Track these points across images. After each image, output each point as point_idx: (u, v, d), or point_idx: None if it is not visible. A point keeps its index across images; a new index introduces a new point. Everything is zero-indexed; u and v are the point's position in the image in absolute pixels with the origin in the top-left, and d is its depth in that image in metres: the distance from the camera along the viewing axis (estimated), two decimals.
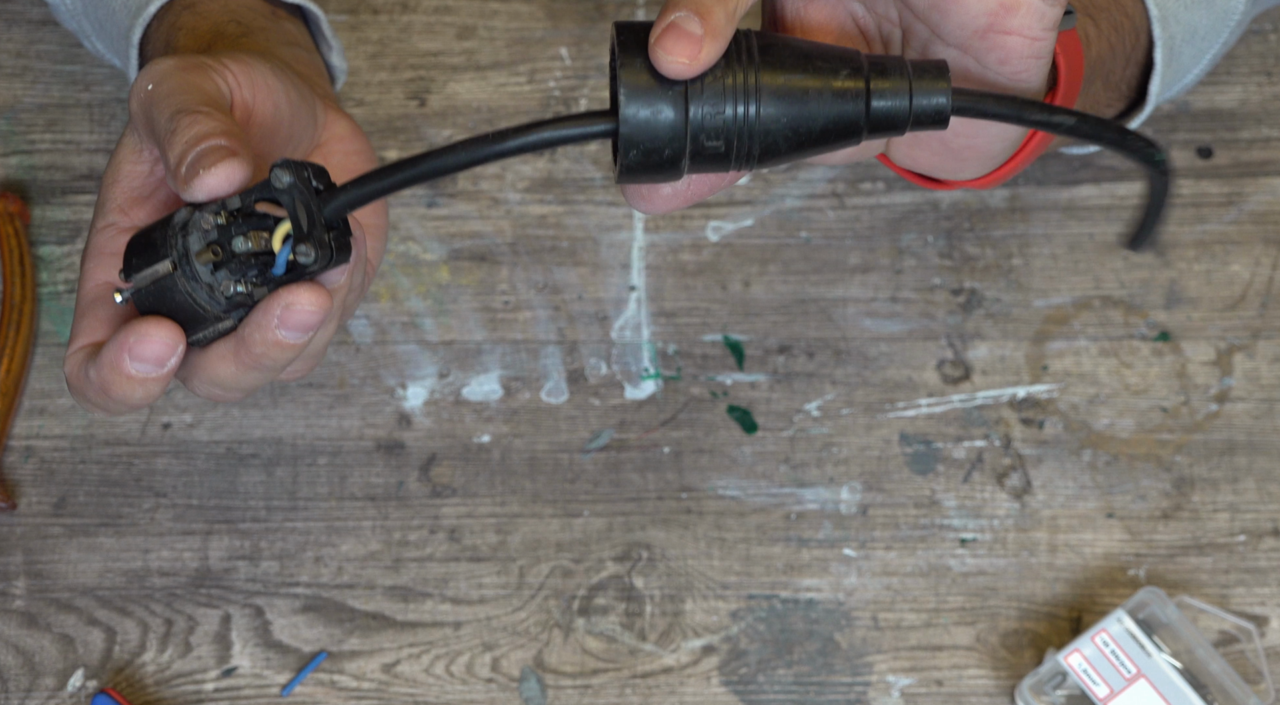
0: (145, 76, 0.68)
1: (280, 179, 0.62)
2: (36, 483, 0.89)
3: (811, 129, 0.61)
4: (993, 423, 0.89)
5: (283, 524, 0.88)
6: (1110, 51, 0.79)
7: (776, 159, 0.62)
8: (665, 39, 0.59)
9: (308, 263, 0.62)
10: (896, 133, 0.62)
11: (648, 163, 0.61)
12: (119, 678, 0.86)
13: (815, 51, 0.62)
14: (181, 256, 0.64)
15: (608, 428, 0.90)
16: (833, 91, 0.61)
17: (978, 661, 0.86)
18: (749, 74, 0.61)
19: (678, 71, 0.59)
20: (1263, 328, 0.90)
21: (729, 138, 0.61)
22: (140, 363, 0.65)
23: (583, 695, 0.85)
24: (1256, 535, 0.87)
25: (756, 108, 0.60)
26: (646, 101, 0.60)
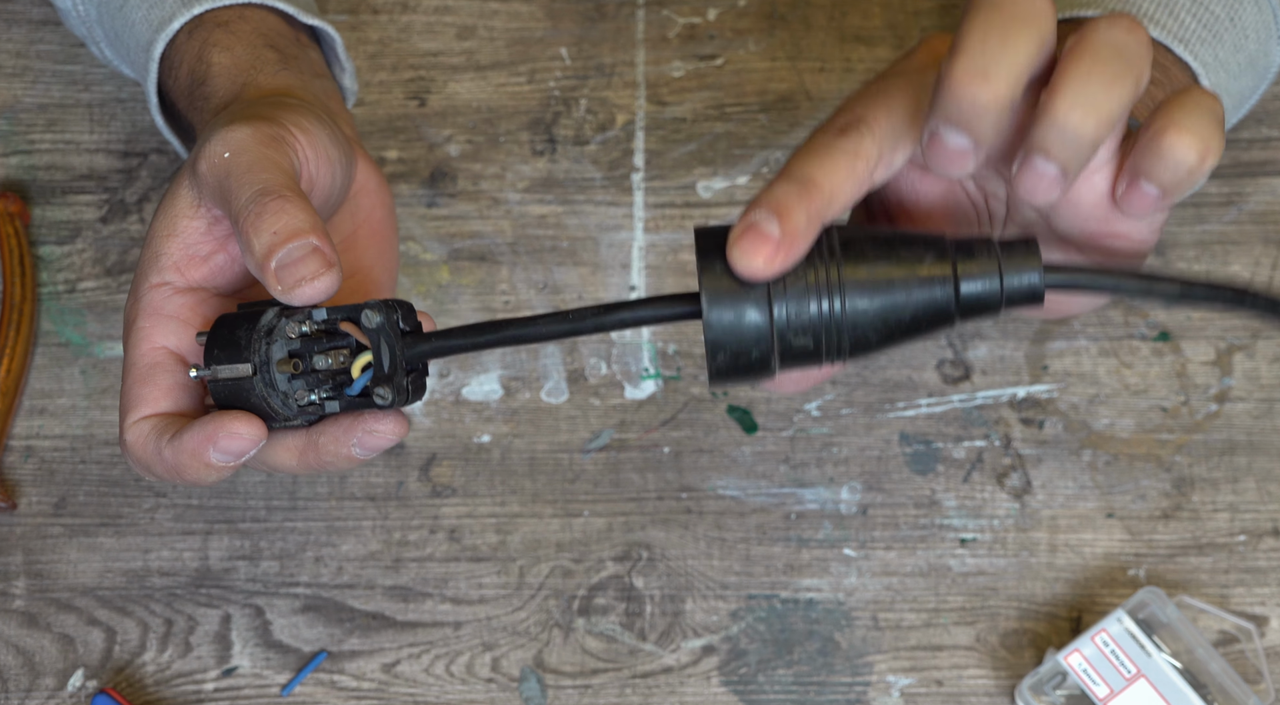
0: (221, 143, 0.68)
1: (371, 319, 0.64)
2: (36, 483, 0.89)
3: (901, 319, 0.60)
4: (993, 423, 0.89)
5: (283, 524, 0.88)
6: None
7: (869, 351, 0.61)
8: (743, 241, 0.59)
9: (384, 404, 0.65)
10: (992, 315, 0.61)
11: (737, 365, 0.61)
12: (119, 678, 0.86)
13: (899, 239, 0.61)
14: (263, 363, 0.66)
15: (608, 428, 0.90)
16: (919, 279, 0.60)
17: (978, 661, 0.86)
18: (831, 269, 0.60)
19: (755, 273, 0.59)
20: (1262, 328, 0.90)
21: (816, 335, 0.60)
22: (223, 455, 0.66)
23: (583, 695, 0.85)
24: (1256, 535, 0.87)
25: (842, 303, 0.60)
26: (729, 304, 0.60)
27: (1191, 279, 0.61)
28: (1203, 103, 0.60)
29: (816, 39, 0.97)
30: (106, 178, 0.94)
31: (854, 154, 0.60)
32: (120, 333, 0.91)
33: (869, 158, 0.61)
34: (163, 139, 0.95)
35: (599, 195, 0.94)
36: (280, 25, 0.82)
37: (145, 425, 0.69)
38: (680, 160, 0.94)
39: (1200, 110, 0.59)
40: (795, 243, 0.59)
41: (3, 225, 0.91)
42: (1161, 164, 0.60)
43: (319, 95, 0.79)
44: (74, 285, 0.92)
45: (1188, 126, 0.59)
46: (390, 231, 0.79)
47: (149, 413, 0.69)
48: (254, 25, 0.80)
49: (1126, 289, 0.61)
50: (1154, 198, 0.61)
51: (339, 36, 0.84)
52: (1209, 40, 0.79)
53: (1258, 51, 0.82)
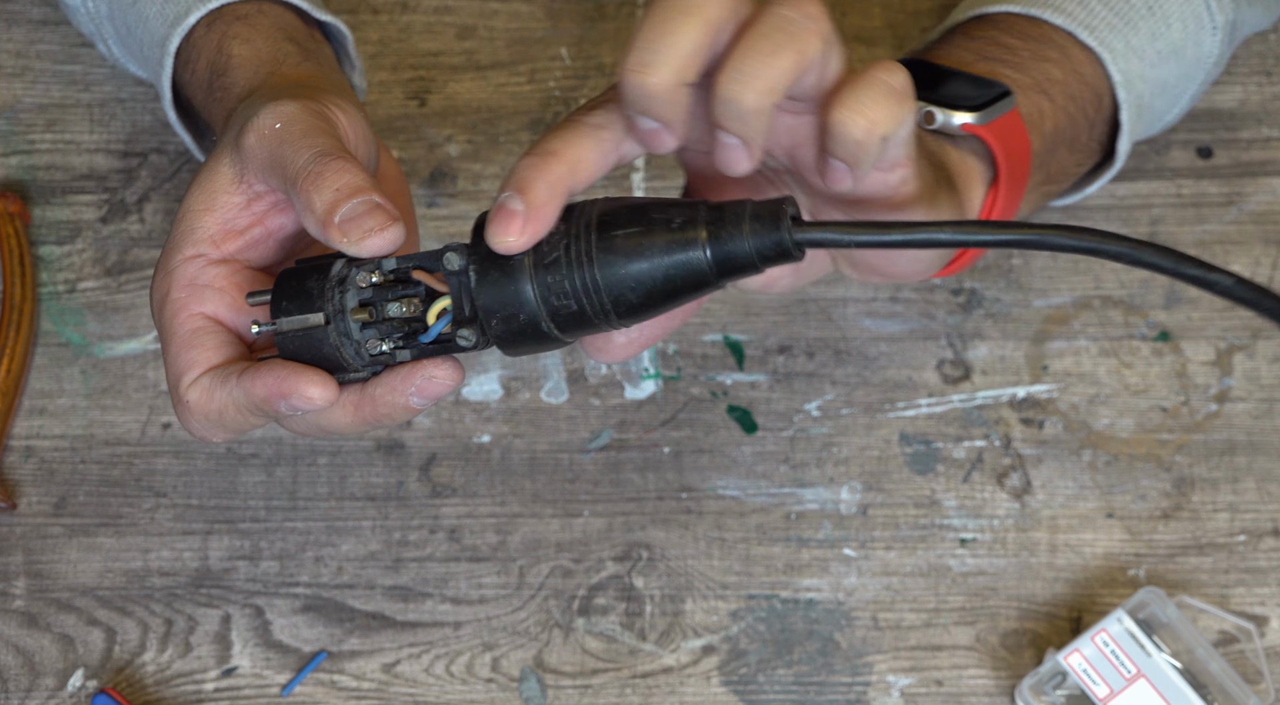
0: (270, 115, 0.69)
1: (452, 262, 0.65)
2: (36, 483, 0.89)
3: (655, 279, 0.64)
4: (993, 423, 0.89)
5: (283, 524, 0.88)
6: (1070, 121, 0.81)
7: (637, 313, 0.64)
8: (494, 221, 0.63)
9: (467, 345, 0.66)
10: (752, 273, 0.64)
11: (510, 329, 0.65)
12: (119, 678, 0.86)
13: (653, 206, 0.64)
14: (338, 312, 0.66)
15: (608, 428, 0.90)
16: (668, 242, 0.63)
17: (978, 661, 0.86)
18: (585, 236, 0.64)
19: (508, 247, 0.63)
20: (1262, 328, 0.90)
21: (578, 297, 0.64)
22: (292, 410, 0.67)
23: (583, 695, 0.85)
24: (1256, 535, 0.87)
25: (594, 270, 0.63)
26: (493, 275, 0.64)
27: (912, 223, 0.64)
28: (875, 79, 0.63)
29: None
30: (106, 178, 0.94)
31: (598, 126, 0.65)
32: (121, 332, 0.91)
33: (614, 129, 0.65)
34: (163, 138, 0.95)
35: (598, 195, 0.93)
36: (296, 21, 0.82)
37: (205, 379, 0.69)
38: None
39: (868, 86, 0.63)
40: (540, 213, 0.63)
41: (3, 225, 0.91)
42: (834, 141, 0.63)
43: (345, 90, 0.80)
44: (74, 285, 0.92)
45: (849, 103, 0.63)
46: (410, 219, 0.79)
47: (205, 368, 0.69)
48: (272, 19, 0.81)
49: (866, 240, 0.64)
50: (843, 171, 0.65)
51: (350, 34, 0.84)
52: (1120, 28, 0.81)
53: (1184, 40, 0.83)
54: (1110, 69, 0.81)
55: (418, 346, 0.67)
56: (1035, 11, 0.81)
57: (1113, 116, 0.83)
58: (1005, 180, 0.75)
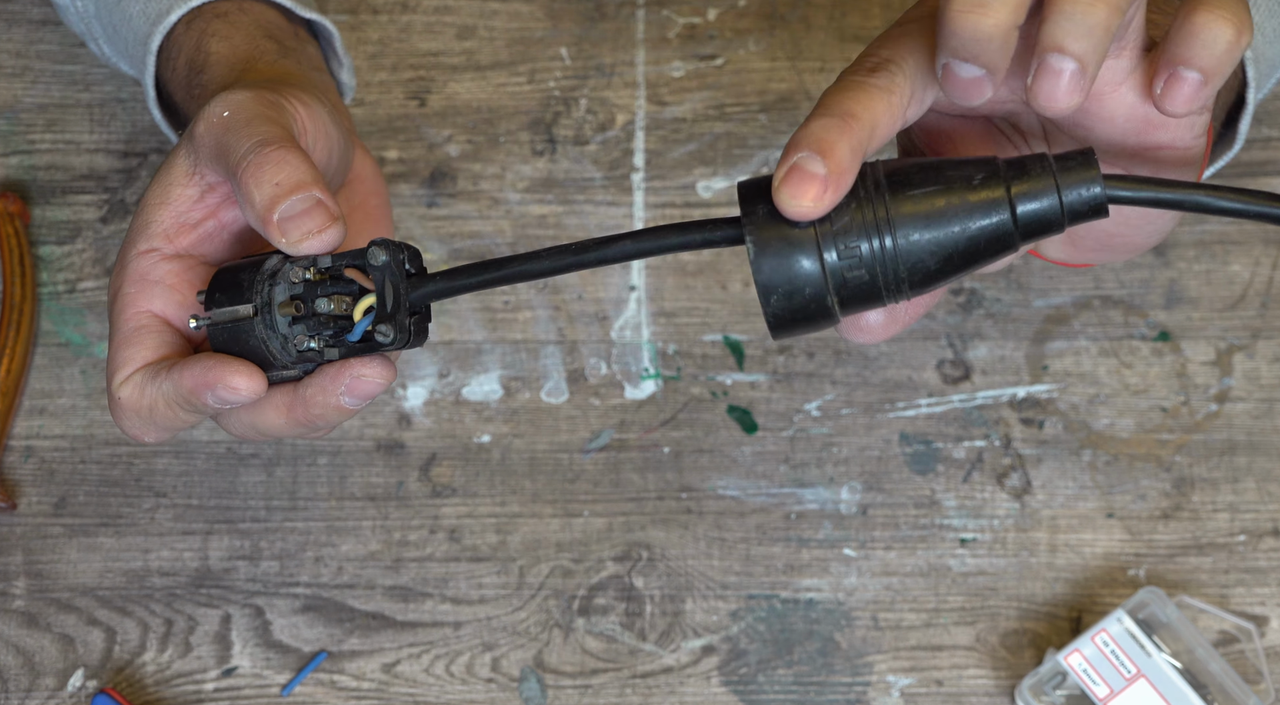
0: (220, 103, 0.68)
1: (376, 257, 0.64)
2: (36, 483, 0.89)
3: (958, 245, 0.59)
4: (993, 423, 0.89)
5: (283, 524, 0.88)
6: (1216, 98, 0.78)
7: (931, 282, 0.60)
8: (789, 182, 0.58)
9: (385, 342, 0.64)
10: (1056, 232, 0.59)
11: (792, 306, 0.60)
12: (119, 678, 0.86)
13: (947, 164, 0.59)
14: (265, 304, 0.65)
15: (608, 428, 0.90)
16: (970, 204, 0.59)
17: (978, 661, 0.86)
18: (878, 202, 0.59)
19: (804, 213, 0.58)
20: (1263, 328, 0.90)
21: (870, 268, 0.59)
22: (219, 402, 0.66)
23: (583, 695, 0.85)
24: (1256, 535, 0.87)
25: (892, 236, 0.59)
26: (777, 245, 0.59)
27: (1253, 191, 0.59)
28: None
29: (816, 39, 0.96)
30: (106, 178, 0.94)
31: (888, 89, 0.60)
32: None
33: (902, 93, 0.60)
34: (163, 138, 0.95)
35: (599, 195, 0.94)
36: (278, 19, 0.82)
37: (137, 377, 0.68)
38: (680, 160, 0.94)
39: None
40: (842, 177, 0.58)
41: (3, 225, 0.91)
42: (1198, 43, 0.58)
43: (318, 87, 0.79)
44: (74, 285, 0.92)
45: (1216, 5, 0.58)
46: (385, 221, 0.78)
47: (140, 365, 0.68)
48: (253, 17, 0.80)
49: (1190, 202, 0.59)
50: (1196, 84, 0.59)
51: (337, 31, 0.84)
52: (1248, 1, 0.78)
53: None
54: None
55: (345, 345, 0.66)
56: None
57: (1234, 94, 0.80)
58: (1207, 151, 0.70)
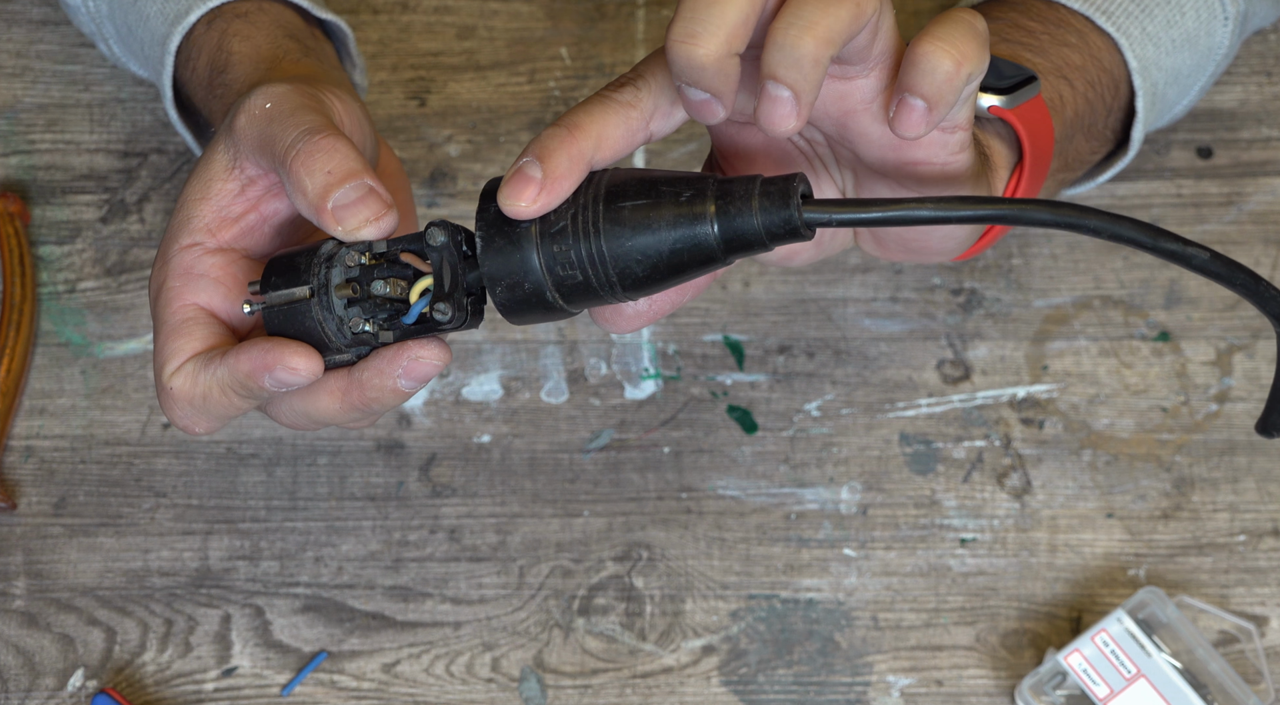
0: (262, 96, 0.69)
1: (435, 237, 0.65)
2: (36, 483, 0.89)
3: (660, 252, 0.63)
4: (993, 423, 0.89)
5: (283, 524, 0.88)
6: (1089, 107, 0.80)
7: (642, 287, 0.64)
8: (509, 184, 0.63)
9: (443, 320, 0.65)
10: (761, 250, 0.63)
11: (515, 297, 0.64)
12: (119, 678, 0.86)
13: (663, 179, 0.64)
14: (321, 286, 0.66)
15: (608, 428, 0.90)
16: (675, 216, 0.63)
17: (978, 661, 0.86)
18: (592, 207, 0.63)
19: (519, 212, 0.63)
20: (1263, 328, 0.90)
21: (583, 268, 0.63)
22: (278, 385, 0.66)
23: (583, 695, 0.85)
24: (1256, 535, 0.87)
25: (601, 242, 0.63)
26: (500, 241, 0.64)
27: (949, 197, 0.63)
28: (960, 18, 0.63)
29: None
30: (106, 178, 0.94)
31: (626, 104, 0.64)
32: (121, 332, 0.91)
33: (642, 108, 0.64)
34: (163, 138, 0.95)
35: None
36: (296, 19, 0.82)
37: (189, 366, 0.68)
38: (680, 160, 0.94)
39: (955, 23, 0.62)
40: (557, 183, 0.63)
41: (3, 225, 0.91)
42: (919, 73, 0.62)
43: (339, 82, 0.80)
44: (74, 285, 0.92)
45: (940, 36, 0.62)
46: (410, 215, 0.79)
47: (191, 355, 0.69)
48: (272, 17, 0.81)
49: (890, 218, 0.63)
50: (921, 111, 0.63)
51: (351, 32, 0.84)
52: (1135, 14, 0.81)
53: (1197, 29, 0.83)
54: (1127, 55, 0.81)
55: (400, 327, 0.66)
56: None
57: (1128, 104, 0.83)
58: (1029, 165, 0.74)
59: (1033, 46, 0.79)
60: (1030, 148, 0.74)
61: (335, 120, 0.70)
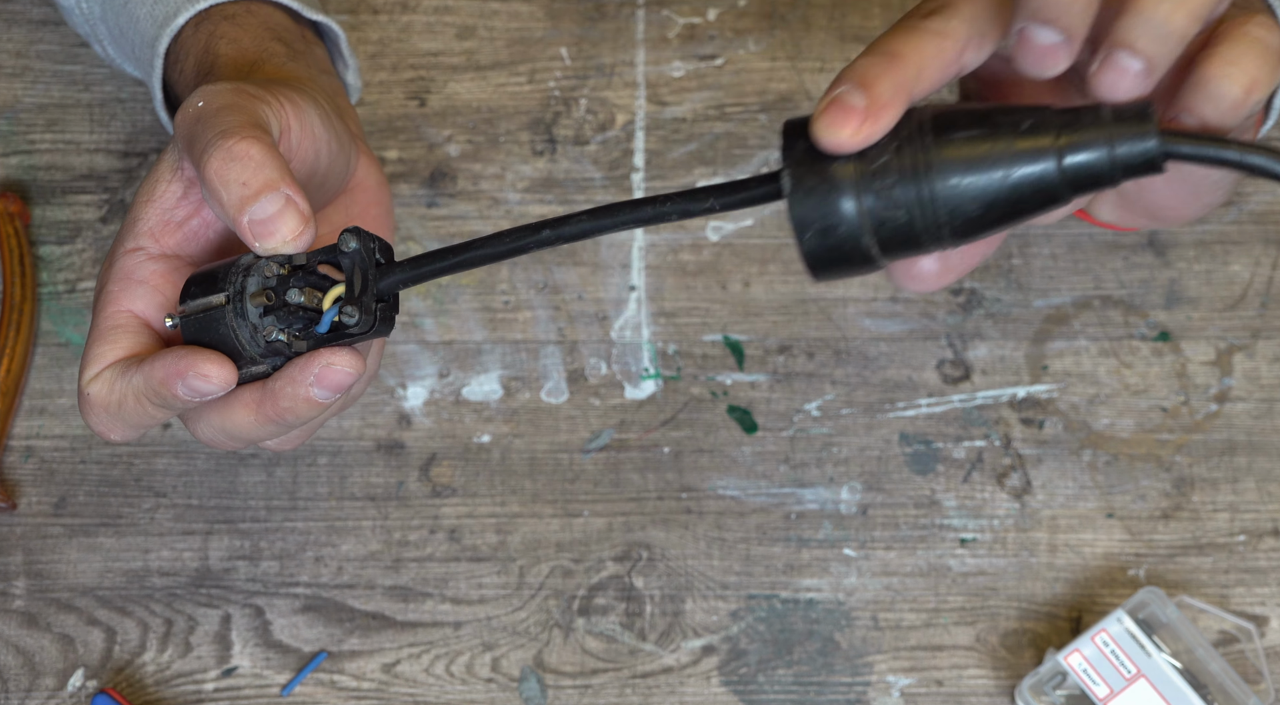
0: (197, 95, 0.68)
1: (347, 243, 0.64)
2: (36, 483, 0.89)
3: (1001, 190, 0.57)
4: (993, 423, 0.89)
5: (283, 524, 0.88)
6: None
7: (974, 231, 0.58)
8: (827, 113, 0.57)
9: (351, 323, 0.64)
10: (1108, 185, 0.57)
11: (826, 244, 0.58)
12: (119, 678, 0.86)
13: (996, 110, 0.58)
14: (237, 293, 0.65)
15: (608, 428, 0.90)
16: (1015, 151, 0.57)
17: (978, 661, 0.86)
18: (920, 144, 0.58)
19: (840, 144, 0.57)
20: (1263, 328, 0.90)
21: (909, 209, 0.57)
22: (189, 392, 0.65)
23: (583, 695, 0.85)
24: (1256, 535, 0.87)
25: (931, 179, 0.57)
26: (813, 179, 0.58)
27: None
28: (1253, 37, 0.58)
29: (816, 39, 0.96)
30: (106, 178, 0.94)
31: (941, 33, 0.59)
32: None
33: (957, 38, 0.59)
34: (162, 138, 0.95)
35: (599, 195, 0.94)
36: (286, 20, 0.82)
37: (108, 373, 0.67)
38: (680, 160, 0.94)
39: (1248, 44, 0.58)
40: (882, 113, 0.57)
41: (3, 225, 0.91)
42: (1204, 98, 0.58)
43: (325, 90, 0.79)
44: (74, 285, 0.92)
45: (1232, 59, 0.57)
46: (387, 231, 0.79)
47: (112, 361, 0.68)
48: (261, 19, 0.80)
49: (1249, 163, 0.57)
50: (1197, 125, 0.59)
51: (343, 33, 0.84)
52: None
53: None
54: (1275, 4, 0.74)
55: (314, 337, 0.65)
56: None
57: None
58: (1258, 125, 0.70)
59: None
60: None
61: (275, 125, 0.68)
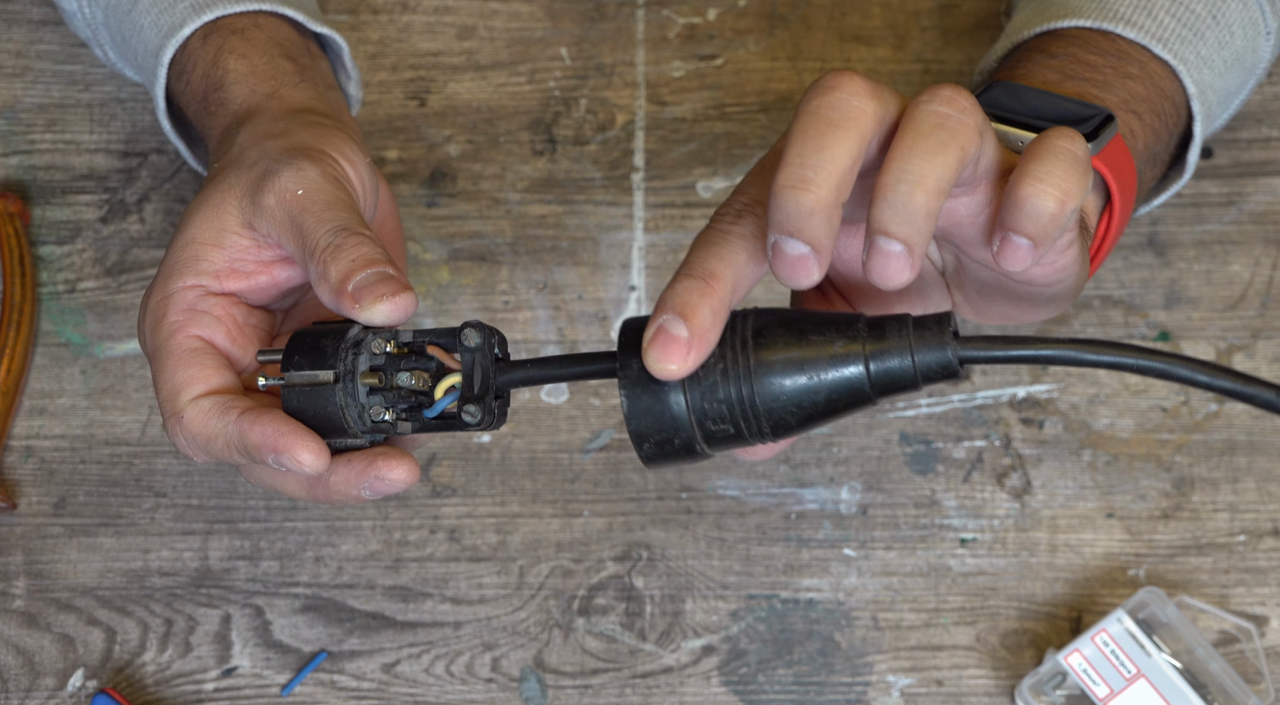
0: (293, 179, 0.70)
1: (471, 338, 0.66)
2: (36, 483, 0.89)
3: (816, 401, 0.63)
4: (993, 423, 0.89)
5: (283, 524, 0.88)
6: (1156, 138, 0.79)
7: (791, 432, 0.64)
8: (655, 346, 0.62)
9: (472, 422, 0.66)
10: (911, 391, 0.63)
11: (664, 452, 0.64)
12: (119, 678, 0.86)
13: (810, 322, 0.63)
14: (348, 372, 0.67)
15: (608, 428, 0.90)
16: (828, 364, 0.62)
17: (978, 661, 0.86)
18: (742, 360, 0.63)
19: (670, 375, 0.62)
20: (1263, 328, 0.90)
21: (734, 420, 0.63)
22: (279, 466, 0.67)
23: (583, 695, 0.85)
24: (1256, 535, 0.87)
25: (751, 389, 0.62)
26: (647, 399, 0.63)
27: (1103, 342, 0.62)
28: (1059, 149, 0.62)
29: (816, 39, 0.97)
30: (106, 178, 0.94)
31: (750, 237, 0.63)
32: (121, 332, 0.91)
33: (762, 239, 0.63)
34: (162, 139, 0.95)
35: (599, 195, 0.94)
36: (292, 34, 0.82)
37: (206, 402, 0.69)
38: (680, 160, 0.94)
39: (1055, 158, 0.62)
40: (704, 339, 0.62)
41: (3, 225, 0.91)
42: (1022, 215, 0.62)
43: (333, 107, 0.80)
44: (74, 285, 0.92)
45: (1041, 176, 0.61)
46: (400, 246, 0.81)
47: (206, 390, 0.70)
48: (269, 34, 0.81)
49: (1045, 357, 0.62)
50: (1026, 248, 0.63)
51: (346, 45, 0.84)
52: (1190, 39, 0.80)
53: (1244, 48, 0.82)
54: (1186, 82, 0.79)
55: (420, 420, 0.67)
56: (1108, 26, 0.79)
57: (1184, 128, 0.82)
58: (1119, 208, 0.74)
59: (1098, 82, 0.77)
60: (1119, 191, 0.73)
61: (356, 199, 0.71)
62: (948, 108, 0.61)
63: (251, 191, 0.71)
